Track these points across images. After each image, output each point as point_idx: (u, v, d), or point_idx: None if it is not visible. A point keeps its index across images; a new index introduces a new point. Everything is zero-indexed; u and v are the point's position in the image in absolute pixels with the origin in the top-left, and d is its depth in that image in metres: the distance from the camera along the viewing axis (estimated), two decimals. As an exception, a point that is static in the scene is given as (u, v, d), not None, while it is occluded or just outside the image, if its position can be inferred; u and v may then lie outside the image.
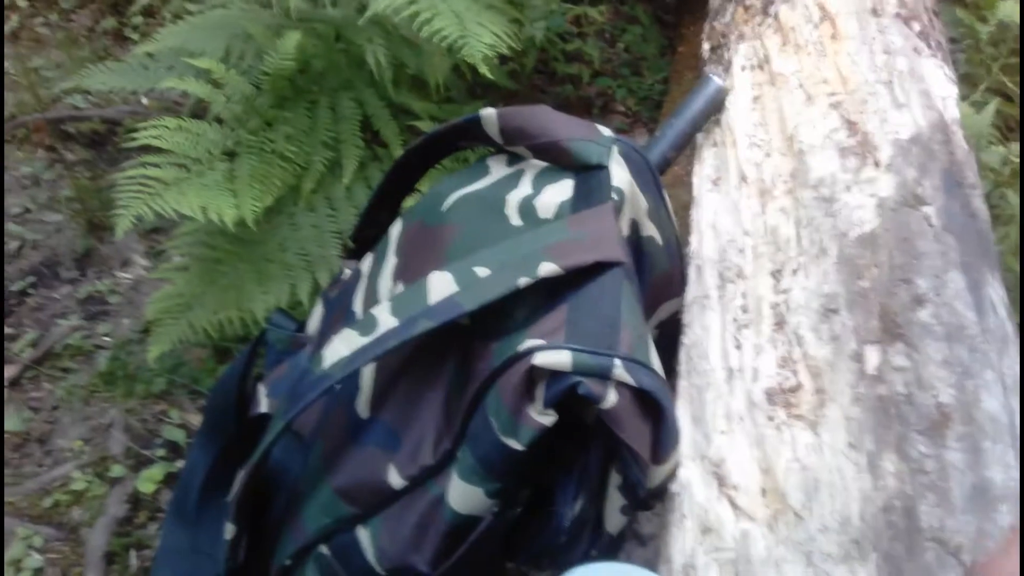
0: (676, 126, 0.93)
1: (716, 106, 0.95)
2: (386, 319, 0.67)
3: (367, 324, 0.68)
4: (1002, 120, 1.37)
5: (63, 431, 1.29)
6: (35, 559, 1.13)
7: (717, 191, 0.87)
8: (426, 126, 1.37)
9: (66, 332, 1.41)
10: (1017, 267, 1.17)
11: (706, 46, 1.05)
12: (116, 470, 1.22)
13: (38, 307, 1.46)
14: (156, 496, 1.20)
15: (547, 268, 0.64)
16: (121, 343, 1.39)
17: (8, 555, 1.12)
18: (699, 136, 0.96)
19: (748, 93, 0.92)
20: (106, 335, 1.42)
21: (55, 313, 1.45)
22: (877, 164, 0.76)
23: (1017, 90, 1.36)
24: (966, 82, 1.42)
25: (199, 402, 1.31)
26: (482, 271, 0.66)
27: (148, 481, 1.20)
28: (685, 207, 0.92)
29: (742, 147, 0.87)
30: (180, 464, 1.23)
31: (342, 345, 0.68)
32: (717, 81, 0.95)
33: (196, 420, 1.28)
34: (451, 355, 0.70)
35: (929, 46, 0.90)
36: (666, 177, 1.34)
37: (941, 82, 0.86)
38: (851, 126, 0.80)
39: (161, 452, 1.25)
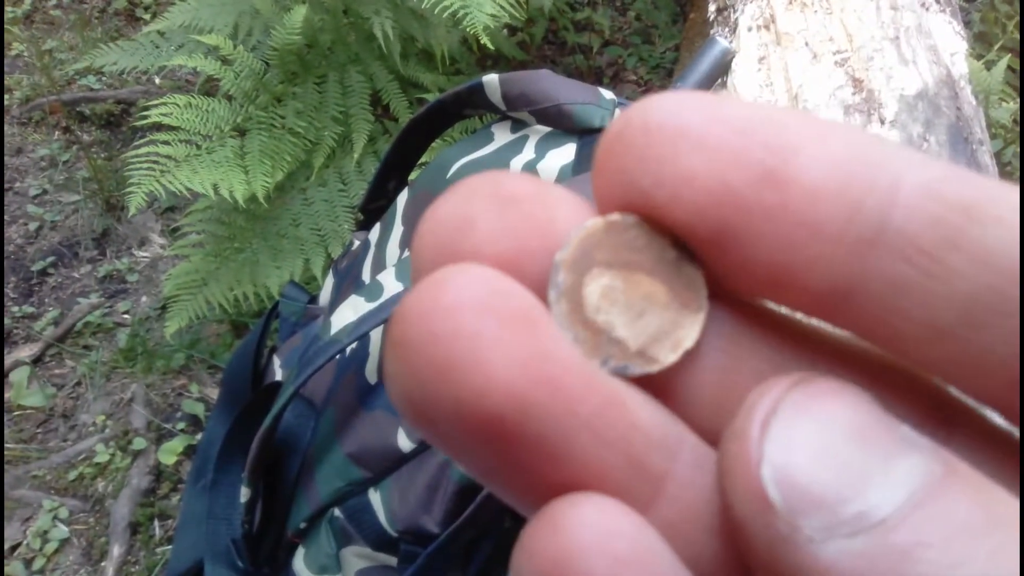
0: (682, 90, 0.93)
1: (723, 68, 0.94)
2: (391, 284, 0.68)
3: (373, 290, 0.69)
4: (1017, 77, 1.35)
5: (86, 406, 1.32)
6: (61, 530, 1.16)
7: (723, 153, 0.87)
8: (435, 99, 1.37)
9: (86, 310, 1.44)
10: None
11: (712, 8, 1.04)
12: (138, 443, 1.25)
13: (58, 286, 1.48)
14: (177, 467, 1.23)
15: (548, 230, 0.64)
16: (140, 320, 1.42)
17: (35, 526, 1.15)
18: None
19: (754, 53, 0.91)
20: (126, 312, 1.45)
21: (75, 292, 1.47)
22: (882, 121, 0.76)
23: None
24: (981, 41, 1.40)
25: (217, 376, 1.33)
26: (485, 234, 0.66)
27: (169, 453, 1.23)
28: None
29: (748, 109, 0.87)
30: (200, 436, 1.25)
31: (349, 311, 0.69)
32: (723, 43, 0.94)
33: (215, 393, 1.31)
34: (456, 319, 0.70)
35: (937, 1, 0.89)
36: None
37: (949, 37, 0.85)
38: (856, 83, 0.80)
39: (182, 425, 1.28)
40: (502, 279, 0.12)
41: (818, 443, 0.11)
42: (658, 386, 0.13)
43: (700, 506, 0.12)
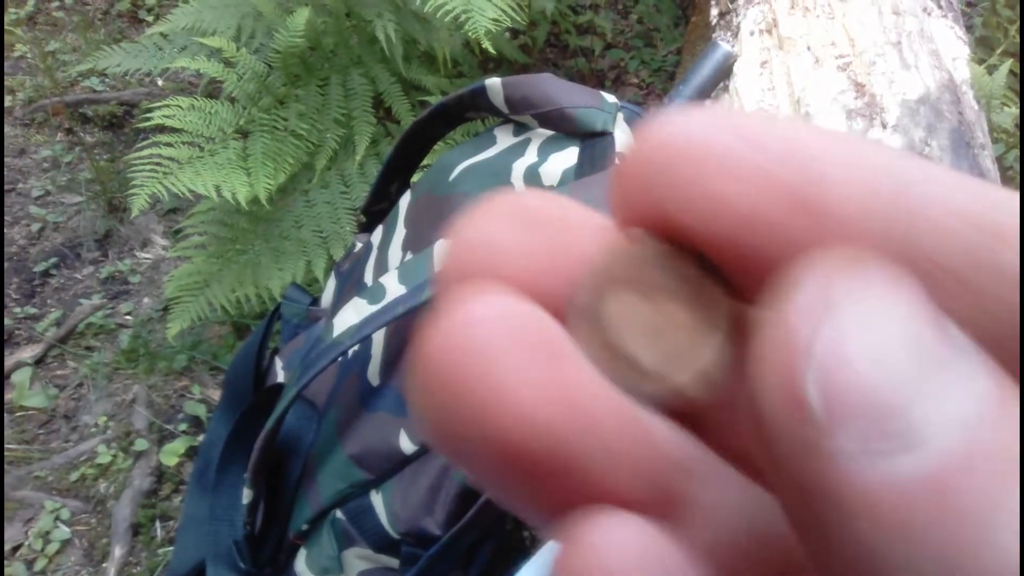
0: (684, 93, 0.93)
1: (725, 72, 0.95)
2: (394, 287, 0.68)
3: (376, 292, 0.69)
4: (1019, 82, 1.35)
5: (88, 407, 1.32)
6: (63, 531, 1.16)
7: (725, 157, 0.87)
8: (437, 101, 1.38)
9: (88, 311, 1.44)
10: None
11: (715, 12, 1.04)
12: (140, 444, 1.25)
13: (61, 287, 1.48)
14: (179, 469, 1.23)
15: (550, 233, 0.64)
16: (142, 321, 1.42)
17: (36, 527, 1.15)
18: (708, 104, 0.96)
19: (756, 58, 0.91)
20: (128, 314, 1.45)
21: (78, 293, 1.48)
22: (884, 125, 0.76)
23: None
24: (983, 45, 1.40)
25: (219, 378, 1.33)
26: (487, 238, 0.66)
27: (171, 454, 1.23)
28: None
29: (750, 112, 0.87)
30: (202, 438, 1.26)
31: (352, 313, 0.70)
32: (725, 47, 0.94)
33: (217, 395, 1.31)
34: (459, 322, 0.71)
35: (940, 6, 0.89)
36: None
37: (951, 42, 0.85)
38: (858, 88, 0.80)
39: (183, 426, 1.28)
40: (522, 303, 0.12)
41: (871, 342, 0.10)
42: (677, 407, 0.13)
43: (722, 527, 0.12)
